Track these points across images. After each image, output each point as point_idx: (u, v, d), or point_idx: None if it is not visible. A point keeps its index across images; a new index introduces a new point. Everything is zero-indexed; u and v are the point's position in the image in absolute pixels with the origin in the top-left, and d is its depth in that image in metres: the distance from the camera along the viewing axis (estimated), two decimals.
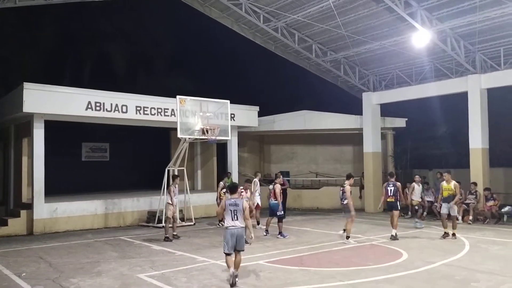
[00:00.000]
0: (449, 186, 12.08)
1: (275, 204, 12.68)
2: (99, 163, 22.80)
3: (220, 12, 17.88)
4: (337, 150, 23.40)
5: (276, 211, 12.65)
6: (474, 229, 13.65)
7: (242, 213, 7.65)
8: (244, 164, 22.01)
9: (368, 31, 16.25)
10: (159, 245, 11.58)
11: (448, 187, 12.09)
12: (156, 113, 15.99)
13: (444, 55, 16.33)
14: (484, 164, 15.90)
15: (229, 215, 7.61)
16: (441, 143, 22.22)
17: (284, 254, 10.22)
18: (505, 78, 15.43)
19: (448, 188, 12.08)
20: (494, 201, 15.00)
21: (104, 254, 10.53)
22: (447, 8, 14.05)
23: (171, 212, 12.44)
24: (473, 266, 8.82)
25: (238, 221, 7.61)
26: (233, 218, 7.59)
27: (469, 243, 11.27)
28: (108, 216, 15.45)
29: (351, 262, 9.31)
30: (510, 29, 14.38)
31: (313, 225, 14.89)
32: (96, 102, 14.70)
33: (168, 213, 12.41)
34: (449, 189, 12.06)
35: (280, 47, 19.33)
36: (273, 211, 12.77)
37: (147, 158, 22.33)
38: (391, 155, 21.54)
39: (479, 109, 15.92)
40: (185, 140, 14.53)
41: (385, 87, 19.33)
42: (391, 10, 14.45)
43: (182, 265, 9.15)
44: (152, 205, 16.11)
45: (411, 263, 9.08)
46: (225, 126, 15.19)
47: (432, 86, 17.35)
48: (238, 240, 7.58)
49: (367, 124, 19.66)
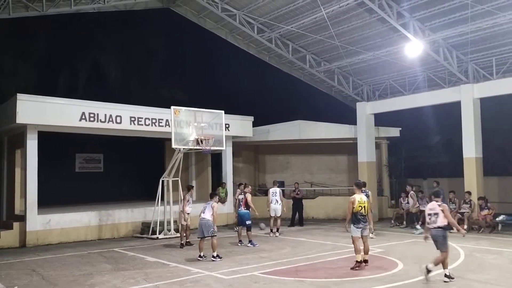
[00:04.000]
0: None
1: (245, 213, 13.15)
2: (93, 174, 22.66)
3: (215, 23, 17.98)
4: (332, 160, 23.43)
5: (246, 220, 13.06)
6: (469, 238, 13.64)
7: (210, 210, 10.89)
8: (239, 174, 21.97)
9: (361, 41, 16.38)
10: (153, 256, 11.48)
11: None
12: (150, 123, 15.96)
13: (437, 65, 16.47)
14: (478, 173, 15.96)
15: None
16: (435, 152, 22.33)
17: (279, 265, 10.16)
18: (498, 87, 15.55)
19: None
20: (488, 210, 15.03)
21: (98, 266, 10.42)
22: (439, 18, 14.21)
23: (184, 220, 13.03)
24: (469, 275, 8.80)
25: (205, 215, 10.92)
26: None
27: (464, 252, 11.26)
28: (102, 227, 15.32)
29: (347, 273, 9.26)
30: (501, 39, 14.54)
31: (308, 235, 14.83)
32: (90, 113, 14.65)
33: (183, 221, 13.01)
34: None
35: (274, 58, 19.43)
36: (242, 220, 13.18)
37: (141, 168, 22.22)
38: (386, 164, 21.59)
39: (472, 118, 16.02)
40: (180, 151, 14.49)
41: (378, 97, 19.43)
42: (383, 20, 14.59)
43: (176, 277, 9.06)
44: (147, 216, 16.00)
45: (406, 273, 9.05)
46: (219, 136, 15.17)
47: (425, 96, 17.47)
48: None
49: (361, 133, 19.72)
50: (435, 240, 8.48)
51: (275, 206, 14.86)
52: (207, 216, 10.89)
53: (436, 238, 8.43)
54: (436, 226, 8.45)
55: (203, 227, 10.85)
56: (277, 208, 14.85)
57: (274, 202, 14.95)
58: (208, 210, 10.93)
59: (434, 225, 8.46)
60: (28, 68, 21.91)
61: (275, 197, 15.01)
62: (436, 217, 8.45)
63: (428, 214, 8.63)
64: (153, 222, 14.95)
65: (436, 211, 8.49)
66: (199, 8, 17.28)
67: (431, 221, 8.53)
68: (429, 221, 8.58)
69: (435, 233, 8.46)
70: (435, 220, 8.46)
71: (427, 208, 8.85)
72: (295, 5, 15.16)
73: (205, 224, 10.86)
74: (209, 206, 10.96)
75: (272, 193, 15.14)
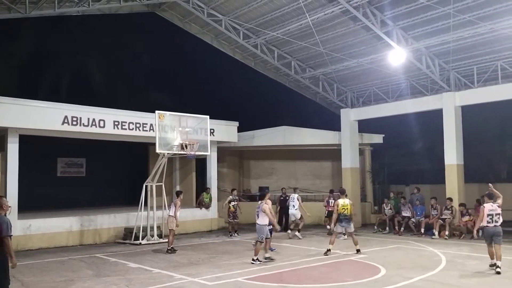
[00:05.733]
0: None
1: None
2: (75, 178, 22.32)
3: (200, 28, 17.98)
4: (316, 166, 23.54)
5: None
6: (450, 244, 13.83)
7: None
8: (223, 179, 21.91)
9: (345, 49, 16.55)
10: (136, 262, 11.35)
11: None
12: (134, 128, 15.82)
13: (420, 73, 16.72)
14: (459, 180, 16.21)
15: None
16: (417, 159, 22.60)
17: (263, 270, 10.14)
18: (479, 95, 15.86)
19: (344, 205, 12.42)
20: (469, 216, 15.25)
21: (79, 272, 10.26)
22: (422, 27, 14.45)
23: (174, 225, 12.96)
24: (450, 281, 8.91)
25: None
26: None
27: (446, 258, 11.41)
28: (83, 233, 15.09)
29: (330, 278, 9.30)
30: (482, 49, 14.85)
31: (292, 241, 14.84)
32: (72, 117, 14.46)
33: (172, 226, 12.93)
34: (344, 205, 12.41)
35: (260, 63, 19.49)
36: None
37: (124, 173, 21.98)
38: (369, 170, 21.78)
39: (453, 126, 16.29)
40: (164, 155, 14.40)
41: (362, 104, 19.63)
42: (367, 28, 14.78)
43: (159, 283, 8.98)
44: (129, 222, 15.82)
45: (389, 279, 9.12)
46: (204, 141, 15.14)
47: (408, 103, 17.71)
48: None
49: (345, 140, 19.89)
50: (498, 236, 9.64)
51: (291, 211, 15.96)
52: (259, 221, 11.22)
53: (500, 234, 9.64)
54: (499, 224, 9.66)
55: (257, 232, 11.22)
56: (293, 213, 15.88)
57: (291, 207, 15.98)
58: (260, 214, 11.19)
59: (497, 224, 9.64)
60: (10, 70, 21.54)
61: (293, 202, 15.96)
62: (498, 216, 9.66)
63: (489, 215, 9.66)
64: (136, 227, 14.79)
65: (498, 212, 9.67)
66: (184, 12, 17.26)
67: (493, 221, 9.65)
68: (491, 220, 9.66)
69: (500, 230, 9.67)
70: (497, 220, 9.67)
71: (486, 209, 9.72)
72: (280, 11, 15.26)
73: (257, 229, 11.21)
74: (260, 211, 11.17)
75: (291, 198, 16.16)
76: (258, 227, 11.20)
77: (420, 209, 16.46)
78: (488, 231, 9.73)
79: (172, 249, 12.85)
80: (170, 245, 12.94)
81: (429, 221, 15.83)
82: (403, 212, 16.74)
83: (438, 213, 15.79)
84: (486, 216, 9.71)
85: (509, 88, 15.02)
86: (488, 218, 9.67)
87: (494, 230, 9.63)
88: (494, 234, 9.62)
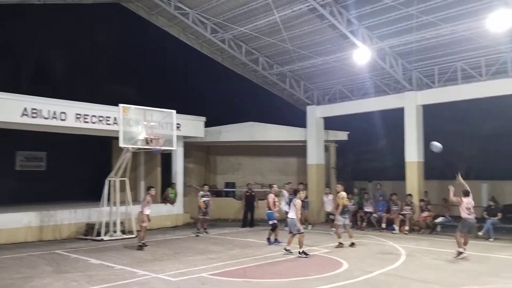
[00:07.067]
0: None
1: (269, 213, 13.51)
2: (34, 172, 21.65)
3: (167, 21, 17.74)
4: (282, 162, 23.70)
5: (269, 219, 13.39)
6: (410, 239, 14.26)
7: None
8: (189, 175, 21.74)
9: (312, 46, 16.71)
10: (97, 259, 11.10)
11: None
12: (97, 121, 15.45)
13: (383, 72, 17.09)
14: (419, 177, 16.72)
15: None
16: (380, 156, 23.12)
17: (228, 266, 10.15)
18: (439, 95, 16.38)
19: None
20: (428, 212, 15.77)
21: (38, 269, 9.96)
22: (386, 27, 14.76)
23: (143, 221, 12.65)
24: (409, 274, 9.19)
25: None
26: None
27: (405, 252, 11.76)
28: (43, 228, 14.63)
29: (294, 273, 9.41)
30: (443, 49, 15.31)
31: (257, 236, 14.89)
32: (32, 109, 13.96)
33: (142, 223, 12.63)
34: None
35: (228, 59, 19.42)
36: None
37: (87, 168, 21.47)
38: (334, 167, 22.12)
39: (415, 124, 16.77)
40: (128, 150, 14.14)
41: (328, 101, 19.90)
42: (334, 27, 14.96)
43: (121, 279, 8.82)
44: (91, 217, 15.45)
45: (350, 273, 9.31)
46: (170, 136, 14.94)
47: (372, 102, 18.10)
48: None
49: (311, 136, 20.12)
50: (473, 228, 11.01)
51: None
52: (290, 215, 11.43)
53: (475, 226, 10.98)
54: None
55: (290, 226, 11.48)
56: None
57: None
58: (292, 208, 11.41)
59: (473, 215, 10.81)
60: None
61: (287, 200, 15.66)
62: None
63: (468, 208, 10.70)
64: (98, 223, 14.48)
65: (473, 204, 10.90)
66: (151, 4, 16.97)
67: (471, 212, 10.73)
68: (469, 212, 10.73)
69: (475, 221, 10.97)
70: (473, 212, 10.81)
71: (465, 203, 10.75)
72: (249, 7, 15.23)
73: (290, 223, 11.47)
74: (292, 205, 11.43)
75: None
76: (290, 221, 11.44)
77: (382, 204, 16.89)
78: (469, 222, 10.75)
79: (143, 245, 12.56)
80: (141, 241, 12.66)
81: (390, 216, 16.26)
82: (365, 208, 17.12)
83: (398, 209, 16.24)
84: (465, 209, 10.57)
85: (468, 89, 15.59)
86: (468, 211, 10.67)
87: (473, 221, 10.77)
88: (472, 225, 10.77)
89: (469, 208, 10.71)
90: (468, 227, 10.83)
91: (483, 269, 9.75)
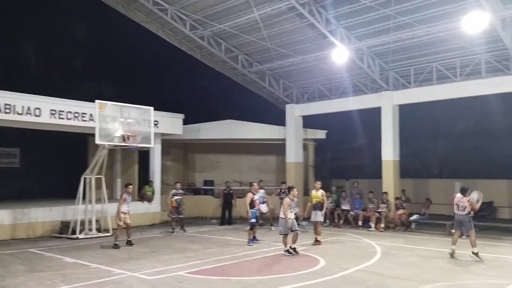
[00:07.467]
0: (317, 194, 12.89)
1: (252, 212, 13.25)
2: (7, 169, 21.14)
3: (145, 17, 17.48)
4: (261, 160, 23.74)
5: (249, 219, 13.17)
6: (385, 236, 14.49)
7: None
8: (167, 173, 21.56)
9: (292, 45, 16.77)
10: (72, 257, 10.91)
11: (316, 195, 12.89)
12: (72, 117, 15.11)
13: (361, 72, 17.28)
14: (395, 175, 17.00)
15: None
16: (358, 155, 23.44)
17: (205, 264, 10.11)
18: (415, 95, 16.67)
19: (316, 196, 12.88)
20: (403, 209, 16.04)
21: (10, 268, 9.73)
22: (364, 27, 14.93)
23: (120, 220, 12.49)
24: (384, 271, 9.34)
25: None
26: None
27: (381, 249, 11.94)
28: (16, 226, 14.29)
29: (272, 270, 9.45)
30: (419, 50, 15.59)
31: (235, 234, 14.90)
32: (5, 104, 13.57)
33: (118, 221, 12.50)
34: (317, 197, 12.87)
35: (207, 56, 19.30)
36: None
37: (62, 165, 21.06)
38: (312, 165, 22.30)
39: (391, 123, 17.03)
40: (104, 147, 13.92)
41: (307, 100, 20.03)
42: (313, 26, 15.05)
43: (96, 278, 8.70)
44: (66, 215, 15.16)
45: (327, 270, 9.41)
46: (147, 133, 14.75)
47: (350, 101, 18.30)
48: None
49: (290, 135, 20.23)
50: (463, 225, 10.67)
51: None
52: (281, 214, 11.46)
53: (464, 224, 10.63)
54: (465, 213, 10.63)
55: (281, 225, 11.48)
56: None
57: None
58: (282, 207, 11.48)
59: (463, 213, 10.64)
60: None
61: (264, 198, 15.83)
62: (463, 208, 10.63)
63: (456, 204, 10.73)
64: (73, 221, 14.23)
65: (463, 204, 10.65)
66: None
67: (459, 209, 10.71)
68: (457, 208, 10.74)
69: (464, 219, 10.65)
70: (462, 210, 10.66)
71: (455, 199, 10.76)
72: (228, 4, 15.17)
73: (280, 222, 11.49)
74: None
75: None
76: (281, 221, 11.44)
77: (358, 202, 17.12)
78: (456, 218, 10.85)
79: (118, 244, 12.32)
80: (116, 239, 12.45)
81: (366, 214, 16.49)
82: (342, 206, 17.31)
83: (375, 207, 16.47)
84: (454, 204, 10.80)
85: (442, 89, 15.93)
86: (456, 207, 10.78)
87: (460, 218, 10.70)
88: (460, 222, 10.72)
89: (457, 205, 10.82)
90: (459, 223, 10.82)
91: (456, 266, 9.98)
